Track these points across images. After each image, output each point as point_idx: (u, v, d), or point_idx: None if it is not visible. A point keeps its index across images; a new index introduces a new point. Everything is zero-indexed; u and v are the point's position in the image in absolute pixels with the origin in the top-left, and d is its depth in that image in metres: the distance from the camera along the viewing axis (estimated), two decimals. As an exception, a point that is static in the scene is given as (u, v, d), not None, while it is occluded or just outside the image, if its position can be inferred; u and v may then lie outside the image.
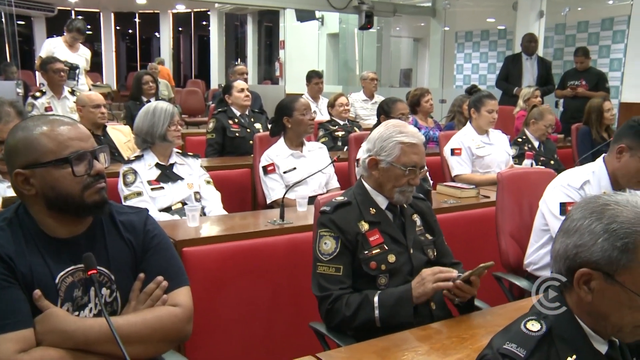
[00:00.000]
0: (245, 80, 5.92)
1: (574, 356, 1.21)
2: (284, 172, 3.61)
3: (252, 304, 2.75)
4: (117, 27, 16.65)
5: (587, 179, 2.64)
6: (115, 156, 4.13)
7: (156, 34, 17.23)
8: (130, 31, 17.97)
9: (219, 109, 4.92)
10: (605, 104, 5.47)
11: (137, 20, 17.28)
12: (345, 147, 4.77)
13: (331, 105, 5.60)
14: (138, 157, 3.17)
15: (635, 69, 7.85)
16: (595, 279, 1.19)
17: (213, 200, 3.29)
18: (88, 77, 6.72)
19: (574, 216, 1.23)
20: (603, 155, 2.70)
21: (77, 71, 5.99)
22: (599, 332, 1.24)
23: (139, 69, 13.25)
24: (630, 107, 7.55)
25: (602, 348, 1.25)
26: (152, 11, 16.63)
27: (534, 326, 1.23)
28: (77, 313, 1.57)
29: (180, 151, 3.34)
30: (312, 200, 2.74)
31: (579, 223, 1.21)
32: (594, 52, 9.17)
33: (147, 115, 3.16)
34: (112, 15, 16.07)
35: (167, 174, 3.18)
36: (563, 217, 1.93)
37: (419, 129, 5.37)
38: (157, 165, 3.17)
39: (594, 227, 1.19)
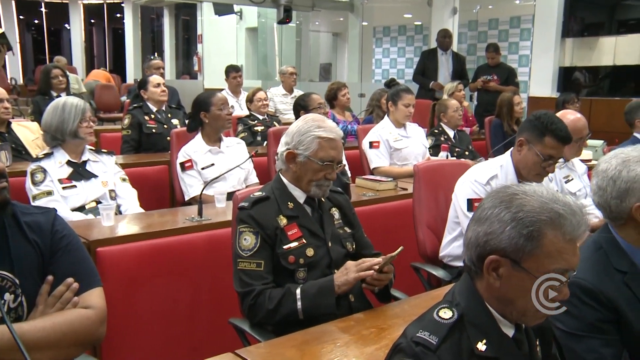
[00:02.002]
0: (162, 75, 5.78)
1: (484, 340, 1.25)
2: (202, 169, 3.56)
3: (172, 303, 2.70)
4: (21, 17, 15.76)
5: (495, 174, 2.71)
6: (22, 154, 3.94)
7: (66, 25, 16.47)
8: (36, 21, 17.10)
9: (135, 105, 4.78)
10: (515, 97, 5.73)
11: (43, 10, 16.43)
12: (265, 142, 4.75)
13: (250, 100, 5.55)
14: (47, 155, 3.03)
15: (540, 66, 8.27)
16: (503, 265, 1.24)
17: (129, 198, 3.20)
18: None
19: (485, 205, 1.28)
20: (511, 148, 2.79)
21: None
22: (506, 316, 1.29)
23: (47, 62, 12.66)
24: (537, 100, 7.95)
25: (510, 332, 1.30)
26: (59, 1, 15.85)
27: (446, 314, 1.26)
28: None
29: (93, 148, 3.23)
30: (231, 196, 2.71)
31: (489, 212, 1.26)
32: (504, 48, 9.55)
33: (56, 111, 3.02)
34: (13, 3, 15.16)
35: (80, 172, 3.06)
36: (471, 214, 2.00)
37: (337, 123, 5.42)
38: (69, 163, 3.05)
39: (503, 216, 1.23)
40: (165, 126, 4.66)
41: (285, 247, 2.08)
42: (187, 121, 3.95)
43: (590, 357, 1.58)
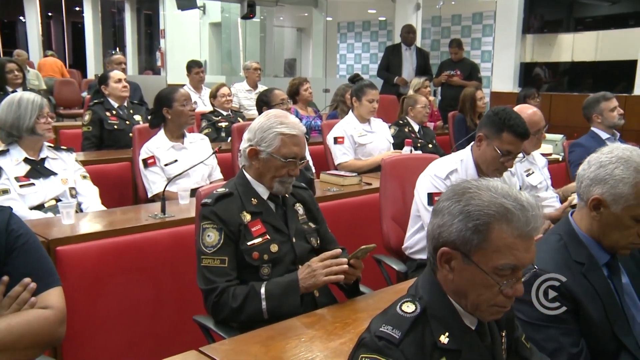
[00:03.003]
0: (124, 70, 5.68)
1: (447, 333, 1.26)
2: (165, 165, 3.51)
3: (135, 301, 2.67)
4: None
5: (455, 168, 2.73)
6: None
7: (21, 18, 15.97)
8: (-13, 13, 16.52)
9: (95, 100, 4.69)
10: (477, 92, 5.79)
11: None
12: (229, 138, 4.72)
13: (213, 96, 5.51)
14: (2, 152, 2.95)
15: (502, 61, 8.40)
16: (454, 258, 1.26)
17: (90, 196, 3.14)
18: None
19: (441, 198, 1.30)
20: (472, 143, 2.82)
21: None
22: (465, 309, 1.30)
23: (1, 56, 12.31)
24: (499, 95, 8.09)
25: (473, 324, 1.32)
26: (12, -9, 15.36)
27: (409, 308, 1.27)
28: None
29: (52, 145, 3.15)
30: (195, 192, 2.69)
31: (443, 205, 1.27)
32: (467, 44, 9.66)
33: (11, 107, 2.94)
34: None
35: (38, 170, 2.99)
36: (431, 207, 2.01)
37: (300, 119, 5.42)
38: (26, 160, 2.97)
39: (453, 209, 1.25)
40: (127, 122, 4.59)
41: (249, 243, 2.07)
42: (149, 117, 3.89)
43: (549, 346, 1.61)
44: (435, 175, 2.74)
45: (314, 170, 3.67)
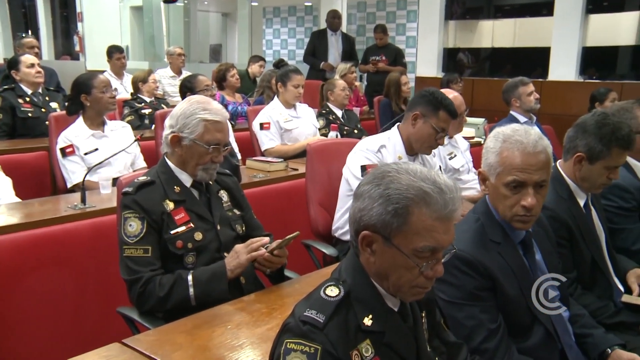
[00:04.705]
0: (37, 54, 5.40)
1: (370, 316, 1.28)
2: (85, 154, 3.39)
3: (56, 295, 2.59)
4: None
5: (384, 144, 2.84)
6: None
7: None
8: None
9: (5, 86, 4.44)
10: (402, 77, 5.89)
11: None
12: (153, 125, 4.60)
13: (143, 81, 5.36)
14: None
15: (426, 47, 8.58)
16: (375, 241, 1.27)
17: (2, 188, 3.00)
18: None
19: (362, 182, 1.31)
20: (398, 124, 2.91)
21: None
22: (387, 291, 1.33)
23: None
24: (424, 80, 8.26)
25: (395, 305, 1.35)
26: None
27: (332, 291, 1.28)
28: None
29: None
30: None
31: (363, 188, 1.29)
32: (392, 29, 9.76)
33: None
34: None
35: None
36: None
37: (227, 105, 5.35)
38: None
39: (373, 192, 1.26)
40: (42, 110, 4.40)
41: (172, 232, 2.03)
42: (66, 104, 3.74)
43: (470, 323, 1.67)
44: (367, 149, 2.83)
45: (239, 157, 3.64)
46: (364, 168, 2.77)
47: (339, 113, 4.98)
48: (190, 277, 1.99)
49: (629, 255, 2.50)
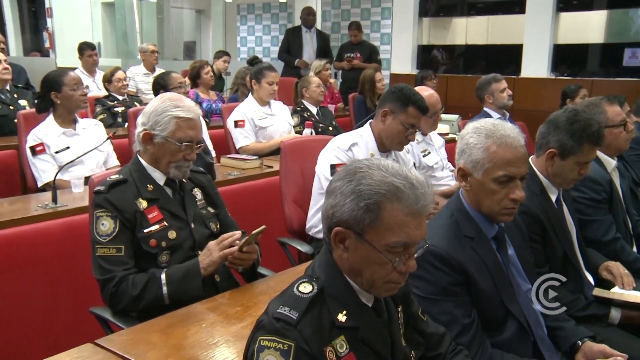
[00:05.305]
0: (3, 50, 5.30)
1: (344, 312, 1.28)
2: (56, 152, 3.34)
3: (27, 296, 2.55)
4: None
5: (355, 141, 2.84)
6: None
7: None
8: None
9: (-30, 84, 4.36)
10: (377, 74, 5.91)
11: None
12: (126, 123, 4.55)
13: (108, 81, 5.30)
14: None
15: (400, 44, 8.62)
16: (348, 237, 1.27)
17: (-29, 187, 2.94)
18: None
19: (334, 179, 1.31)
20: (370, 121, 2.91)
21: None
22: (361, 286, 1.33)
23: None
24: (398, 77, 8.29)
25: (369, 301, 1.35)
26: None
27: (305, 288, 1.28)
28: None
29: None
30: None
31: (335, 185, 1.28)
32: (367, 26, 9.76)
33: None
34: None
35: None
36: None
37: (201, 102, 5.32)
38: None
39: (344, 189, 1.26)
40: (11, 107, 4.32)
41: (146, 230, 2.02)
42: (36, 102, 3.67)
43: (444, 319, 1.68)
44: (338, 147, 2.82)
45: (214, 154, 3.62)
46: (333, 167, 2.76)
47: (314, 110, 4.98)
48: (163, 276, 1.97)
49: (600, 246, 2.56)
